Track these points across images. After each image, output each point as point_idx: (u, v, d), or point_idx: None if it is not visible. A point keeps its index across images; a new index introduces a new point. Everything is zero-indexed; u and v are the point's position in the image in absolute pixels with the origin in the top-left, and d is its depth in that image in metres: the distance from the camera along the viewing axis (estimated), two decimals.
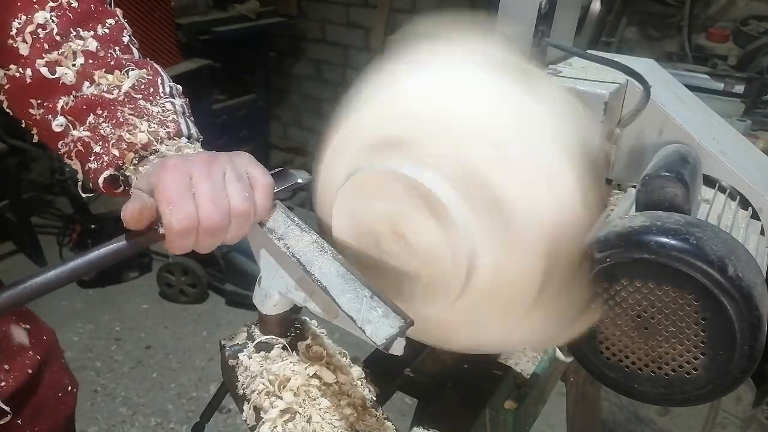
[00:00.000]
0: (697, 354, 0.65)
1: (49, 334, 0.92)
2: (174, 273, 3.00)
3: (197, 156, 0.61)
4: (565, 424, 1.32)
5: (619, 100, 0.84)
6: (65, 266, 0.55)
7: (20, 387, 0.82)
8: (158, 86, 0.74)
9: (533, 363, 0.99)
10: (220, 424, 2.32)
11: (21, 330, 0.86)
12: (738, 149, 0.91)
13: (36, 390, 0.86)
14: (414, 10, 3.75)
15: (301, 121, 4.46)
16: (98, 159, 0.69)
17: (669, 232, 0.63)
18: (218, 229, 0.57)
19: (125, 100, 0.71)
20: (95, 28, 0.74)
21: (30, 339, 0.86)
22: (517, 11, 0.80)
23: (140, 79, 0.73)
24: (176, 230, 0.56)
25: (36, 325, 0.89)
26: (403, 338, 0.51)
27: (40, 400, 0.86)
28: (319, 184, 0.72)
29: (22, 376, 0.83)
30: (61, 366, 0.93)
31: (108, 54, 0.73)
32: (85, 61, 0.72)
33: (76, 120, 0.71)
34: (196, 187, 0.57)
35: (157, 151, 0.68)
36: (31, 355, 0.85)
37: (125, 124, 0.69)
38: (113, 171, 0.69)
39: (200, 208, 0.56)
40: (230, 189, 0.59)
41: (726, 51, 2.62)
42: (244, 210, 0.59)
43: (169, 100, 0.73)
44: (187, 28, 3.35)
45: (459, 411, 0.85)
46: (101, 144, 0.69)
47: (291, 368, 0.70)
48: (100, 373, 2.57)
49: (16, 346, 0.84)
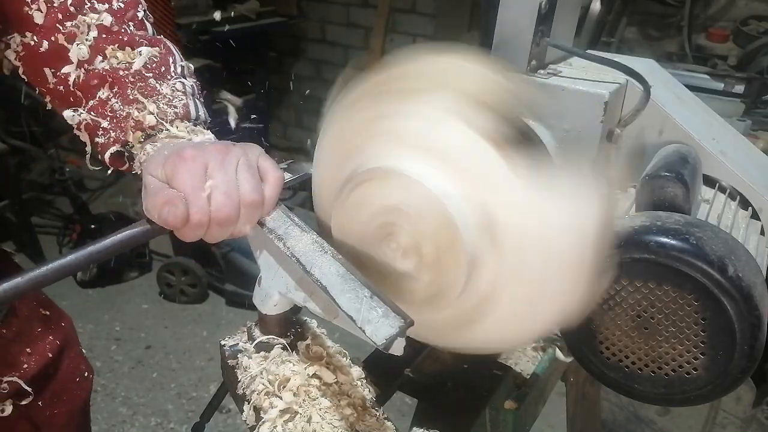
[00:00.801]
0: (697, 354, 0.65)
1: (67, 321, 0.95)
2: (174, 273, 3.00)
3: (212, 146, 0.63)
4: (565, 424, 1.32)
5: (619, 100, 0.84)
6: (83, 251, 0.57)
7: (41, 370, 0.85)
8: (170, 65, 0.75)
9: (533, 363, 0.99)
10: (220, 424, 2.32)
11: (42, 315, 0.89)
12: (738, 149, 0.91)
13: (56, 374, 0.89)
14: (414, 10, 3.75)
15: (301, 121, 4.46)
16: (106, 134, 0.71)
17: (669, 232, 0.63)
18: (228, 220, 0.59)
19: (136, 78, 0.72)
20: (110, 2, 0.75)
21: (50, 324, 0.90)
22: (517, 11, 0.80)
23: (152, 57, 0.74)
24: (190, 224, 0.58)
25: (55, 312, 0.92)
26: (403, 338, 0.51)
27: (59, 384, 0.90)
28: (318, 185, 0.72)
29: (43, 360, 0.86)
30: (78, 352, 0.96)
31: (122, 29, 0.74)
32: (98, 35, 0.73)
33: (87, 93, 0.72)
34: (211, 178, 0.59)
35: (164, 130, 0.70)
36: (51, 339, 0.88)
37: (135, 102, 0.70)
38: (119, 147, 0.70)
39: (213, 200, 0.58)
40: (241, 180, 0.60)
41: (726, 51, 2.62)
42: (253, 200, 0.60)
43: (180, 80, 0.75)
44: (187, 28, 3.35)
45: (459, 411, 0.85)
46: (109, 119, 0.71)
47: (291, 368, 0.70)
48: (100, 373, 2.57)
49: (38, 331, 0.87)
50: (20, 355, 0.83)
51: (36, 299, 0.89)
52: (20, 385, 0.81)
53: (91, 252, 0.57)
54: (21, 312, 0.85)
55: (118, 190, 3.68)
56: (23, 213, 3.16)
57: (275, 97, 4.40)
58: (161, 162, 0.61)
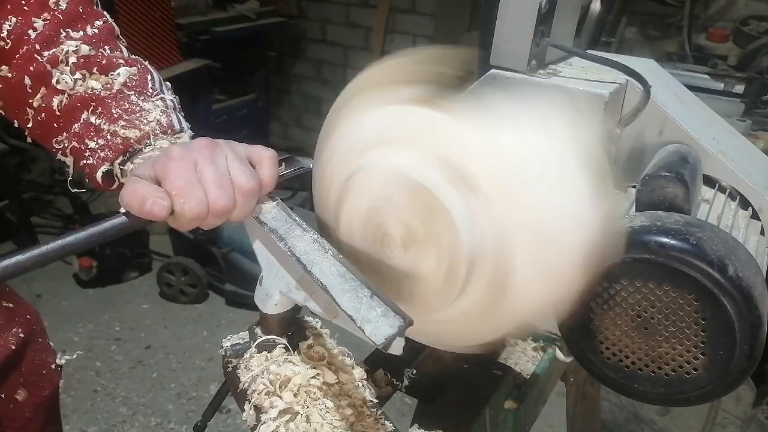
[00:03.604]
0: (697, 354, 0.65)
1: (32, 314, 0.94)
2: (174, 273, 3.00)
3: (198, 143, 0.64)
4: (565, 424, 1.32)
5: (619, 100, 0.84)
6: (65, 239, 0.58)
7: (3, 362, 0.85)
8: (148, 82, 0.76)
9: (533, 363, 0.99)
10: (220, 424, 2.32)
11: (4, 308, 0.88)
12: (738, 149, 0.91)
13: (19, 366, 0.89)
14: (414, 10, 3.75)
15: (301, 121, 4.46)
16: (93, 155, 0.71)
17: (669, 232, 0.63)
18: (225, 211, 0.60)
19: (119, 97, 0.73)
20: (84, 29, 0.76)
21: (13, 317, 0.89)
22: (517, 11, 0.80)
23: (131, 76, 0.75)
24: (188, 218, 0.59)
25: (19, 305, 0.92)
26: (402, 338, 0.51)
27: (23, 376, 0.89)
28: (318, 184, 0.72)
29: (6, 352, 0.85)
30: (44, 345, 0.95)
31: (99, 53, 0.76)
32: (77, 61, 0.74)
33: (70, 117, 0.73)
34: (202, 173, 0.60)
35: (150, 144, 0.71)
36: (14, 332, 0.88)
37: (120, 119, 0.71)
38: (109, 165, 0.71)
39: (208, 193, 0.59)
40: (233, 170, 0.61)
41: (726, 51, 2.62)
42: (250, 187, 0.61)
43: (160, 96, 0.76)
44: (187, 28, 3.35)
45: (459, 411, 0.85)
46: (96, 140, 0.71)
47: (292, 368, 0.70)
48: (100, 373, 2.57)
49: (1, 323, 0.86)
50: None
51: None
52: None
53: (69, 243, 0.58)
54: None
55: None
56: (23, 213, 3.16)
57: (275, 97, 4.40)
58: (149, 165, 0.62)
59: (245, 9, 3.66)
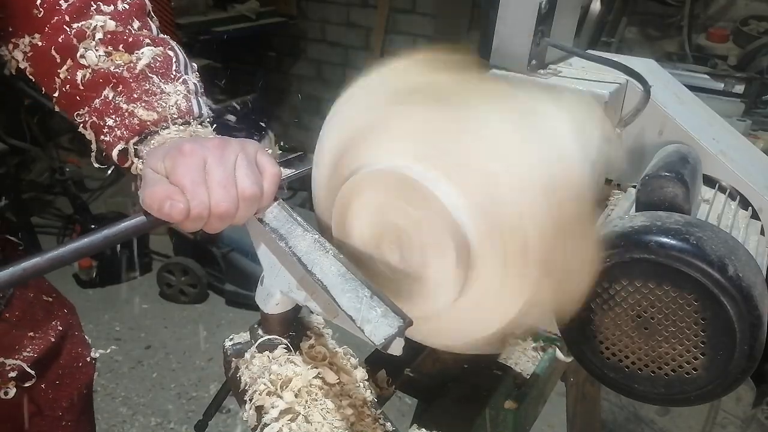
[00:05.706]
0: (697, 354, 0.65)
1: (69, 308, 0.98)
2: (174, 273, 3.00)
3: (211, 141, 0.63)
4: (565, 424, 1.32)
5: (619, 100, 0.84)
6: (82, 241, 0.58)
7: (44, 354, 0.88)
8: (173, 65, 0.76)
9: (533, 363, 0.99)
10: (220, 424, 2.32)
11: (44, 301, 0.91)
12: (738, 149, 0.91)
13: (58, 358, 0.92)
14: (414, 10, 3.75)
15: (301, 121, 4.46)
16: (111, 132, 0.72)
17: (669, 232, 0.63)
18: (227, 214, 0.60)
19: (140, 77, 0.73)
20: (115, 3, 0.77)
21: (52, 310, 0.92)
22: (517, 11, 0.80)
23: (156, 57, 0.75)
24: (190, 217, 0.59)
25: (58, 299, 0.95)
26: (402, 338, 0.51)
27: (61, 368, 0.93)
28: (318, 184, 0.72)
29: (46, 344, 0.89)
30: (80, 339, 0.99)
31: (126, 30, 0.76)
32: (104, 36, 0.74)
33: (92, 92, 0.74)
34: (210, 172, 0.60)
35: (168, 127, 0.71)
36: (53, 325, 0.91)
37: (139, 101, 0.72)
38: (125, 144, 0.72)
39: (212, 194, 0.59)
40: (240, 173, 0.61)
41: (726, 51, 2.62)
42: (252, 194, 0.61)
43: (183, 79, 0.76)
44: (187, 28, 3.35)
45: (459, 411, 0.85)
46: (114, 117, 0.72)
47: (293, 368, 0.70)
48: (100, 373, 2.54)
49: (40, 316, 0.89)
50: (23, 339, 0.86)
51: (39, 286, 0.91)
52: (23, 368, 0.84)
53: (86, 244, 0.58)
54: (24, 298, 0.87)
55: (118, 190, 3.68)
56: (23, 213, 3.15)
57: (275, 97, 4.40)
58: (161, 156, 0.62)
59: (245, 9, 3.66)
